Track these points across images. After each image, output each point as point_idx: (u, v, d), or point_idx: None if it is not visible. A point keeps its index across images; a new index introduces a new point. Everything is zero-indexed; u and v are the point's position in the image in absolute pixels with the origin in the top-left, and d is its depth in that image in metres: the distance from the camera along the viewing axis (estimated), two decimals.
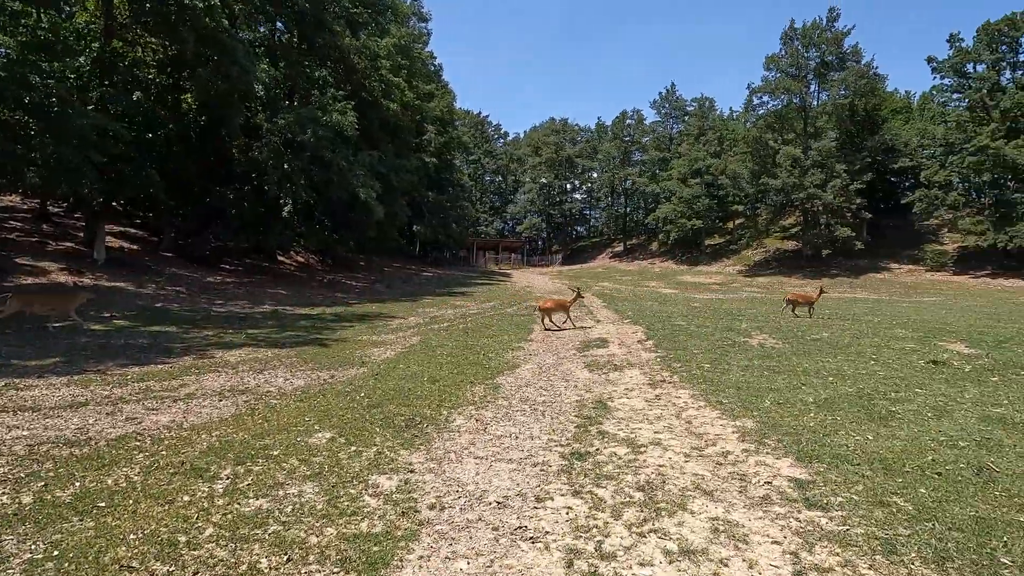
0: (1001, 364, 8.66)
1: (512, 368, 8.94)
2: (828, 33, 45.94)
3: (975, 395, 6.51)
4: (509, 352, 10.58)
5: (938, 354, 9.56)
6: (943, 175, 42.35)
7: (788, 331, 13.02)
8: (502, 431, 5.49)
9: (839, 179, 42.80)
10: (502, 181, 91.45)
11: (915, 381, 7.35)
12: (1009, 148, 37.71)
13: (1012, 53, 41.68)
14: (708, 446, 4.82)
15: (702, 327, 13.93)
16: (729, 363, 8.90)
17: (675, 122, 67.50)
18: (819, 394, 6.55)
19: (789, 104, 48.25)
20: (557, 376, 8.30)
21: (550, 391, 7.28)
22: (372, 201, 25.19)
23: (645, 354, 10.10)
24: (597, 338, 12.43)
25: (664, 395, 6.82)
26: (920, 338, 11.80)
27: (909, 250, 46.31)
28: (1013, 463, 4.20)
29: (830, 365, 8.58)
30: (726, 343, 11.17)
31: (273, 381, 7.98)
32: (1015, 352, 9.84)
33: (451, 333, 13.43)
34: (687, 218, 55.06)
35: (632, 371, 8.51)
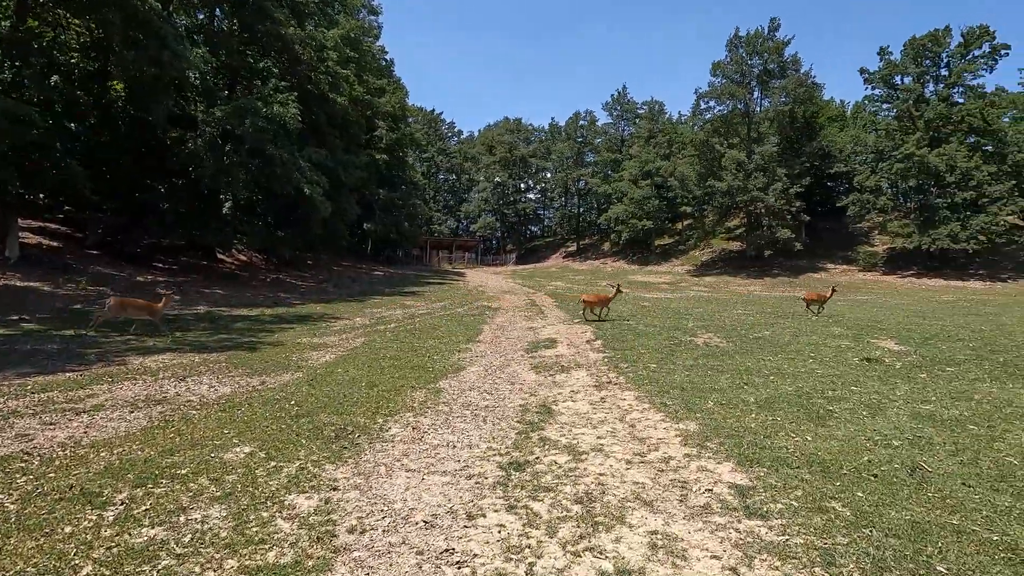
0: (928, 360, 9.02)
1: (457, 371, 8.63)
2: (770, 42, 47.80)
3: (906, 392, 6.69)
4: (456, 354, 10.27)
5: (871, 351, 9.90)
6: (874, 180, 44.81)
7: (732, 329, 13.27)
8: (439, 440, 5.18)
9: (780, 183, 44.59)
10: (456, 180, 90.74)
11: (850, 379, 7.52)
12: (932, 156, 40.27)
13: (935, 67, 44.52)
14: (650, 451, 4.68)
15: (650, 326, 14.03)
16: (675, 363, 8.90)
17: (626, 124, 68.74)
18: (760, 394, 6.57)
19: (734, 109, 49.92)
20: (503, 379, 8.05)
21: (494, 395, 7.02)
22: (318, 197, 24.27)
23: (593, 354, 10.00)
24: (546, 338, 12.28)
25: (609, 397, 6.69)
26: (854, 335, 12.24)
27: (843, 251, 48.83)
28: (944, 462, 4.24)
29: (771, 364, 8.71)
30: (673, 342, 11.24)
31: (195, 389, 7.37)
32: (940, 348, 10.31)
33: (397, 335, 12.98)
34: (638, 219, 56.14)
35: (579, 372, 8.37)
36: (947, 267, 41.59)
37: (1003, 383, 7.30)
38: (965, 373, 7.96)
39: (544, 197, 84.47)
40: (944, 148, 40.33)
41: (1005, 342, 11.16)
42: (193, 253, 28.79)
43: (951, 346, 10.62)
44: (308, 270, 36.99)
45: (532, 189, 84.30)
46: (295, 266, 37.02)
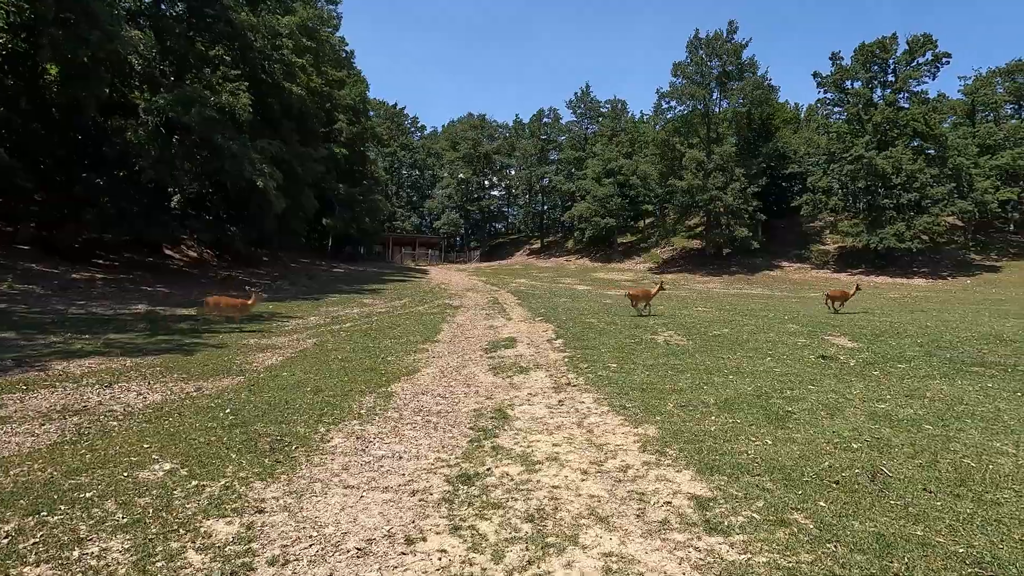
0: (880, 357, 9.15)
1: (411, 373, 8.25)
2: (728, 44, 48.74)
3: (861, 390, 6.69)
4: (412, 355, 9.86)
5: (826, 349, 10.01)
6: (826, 181, 46.34)
7: (692, 327, 13.29)
8: (385, 450, 4.81)
9: (738, 182, 45.58)
10: (419, 176, 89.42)
11: (808, 377, 7.51)
12: (879, 158, 41.90)
13: (883, 73, 46.32)
14: (608, 459, 4.44)
15: (611, 324, 13.92)
16: (635, 362, 8.75)
17: (589, 122, 69.07)
18: (720, 394, 6.45)
19: (694, 110, 50.74)
20: (459, 381, 7.72)
21: (448, 399, 6.68)
22: (271, 191, 23.28)
23: (553, 354, 9.77)
24: (507, 337, 11.99)
25: (568, 400, 6.45)
26: (809, 332, 12.42)
27: (797, 249, 50.39)
28: (903, 465, 4.15)
29: (730, 362, 8.66)
30: (633, 341, 11.13)
31: (121, 397, 6.75)
32: (890, 345, 10.52)
33: (352, 335, 12.46)
34: (601, 217, 56.50)
35: (538, 373, 8.11)
36: (893, 265, 43.41)
37: (952, 380, 7.42)
38: (916, 370, 8.08)
39: (509, 194, 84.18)
40: (891, 151, 42.02)
41: (950, 337, 11.50)
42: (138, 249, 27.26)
43: (900, 342, 10.86)
44: (264, 267, 35.65)
45: (496, 186, 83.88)
46: (250, 263, 35.59)
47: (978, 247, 46.58)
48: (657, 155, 51.24)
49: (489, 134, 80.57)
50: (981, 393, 6.56)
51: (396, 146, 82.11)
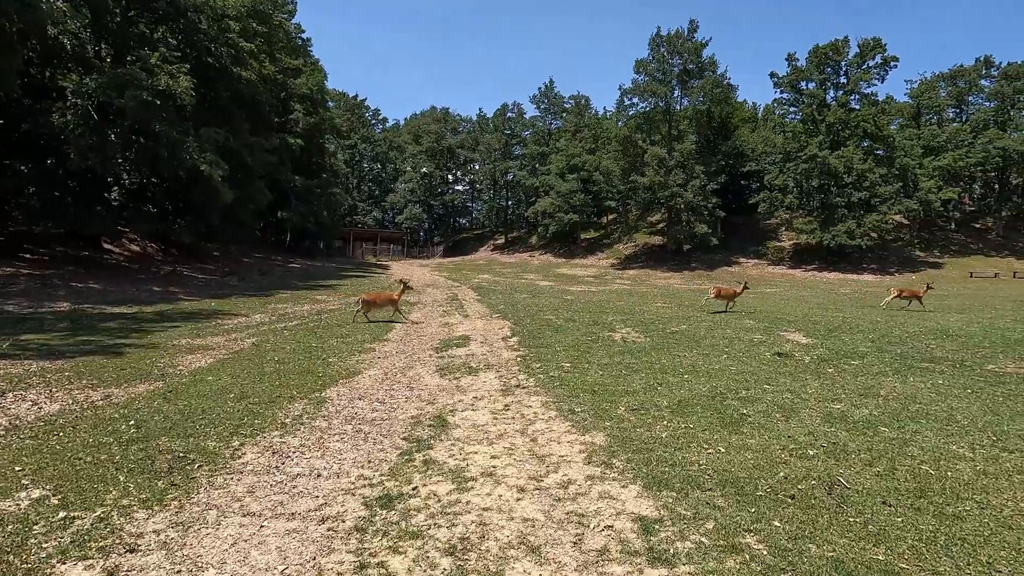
0: (834, 353, 9.09)
1: (351, 375, 7.68)
2: (689, 43, 49.28)
3: (817, 389, 6.51)
4: (357, 355, 9.27)
5: (782, 345, 9.92)
6: (782, 180, 47.47)
7: (650, 324, 13.10)
8: (302, 467, 4.28)
9: (698, 180, 46.22)
10: (381, 169, 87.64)
11: (763, 375, 7.31)
12: (832, 158, 43.14)
13: (835, 75, 47.67)
14: (549, 473, 4.03)
15: (570, 321, 13.61)
16: (590, 361, 8.41)
17: (553, 118, 68.97)
18: (674, 395, 6.15)
19: (656, 107, 51.17)
20: (402, 384, 7.20)
21: (386, 404, 6.17)
22: (218, 181, 22.06)
23: (506, 353, 9.35)
24: (460, 336, 11.51)
25: (515, 404, 6.02)
26: (765, 328, 12.39)
27: (755, 246, 51.56)
28: (861, 474, 3.89)
29: (686, 360, 8.42)
30: (590, 338, 10.82)
31: (12, 408, 5.96)
32: (843, 340, 10.53)
33: (296, 333, 11.73)
34: (564, 212, 56.48)
35: (488, 374, 7.67)
36: (844, 262, 44.85)
37: (904, 377, 7.34)
38: (869, 367, 8.01)
39: (473, 189, 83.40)
40: (843, 151, 43.32)
41: (899, 333, 11.64)
42: (73, 243, 25.55)
43: (853, 338, 10.90)
44: (214, 262, 34.05)
45: (460, 181, 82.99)
46: (199, 258, 33.96)
47: (922, 245, 48.68)
48: (620, 151, 51.49)
49: (452, 128, 79.58)
50: (933, 391, 6.47)
51: (357, 139, 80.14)
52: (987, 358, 8.70)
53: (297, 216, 45.22)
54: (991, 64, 53.44)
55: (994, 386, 6.81)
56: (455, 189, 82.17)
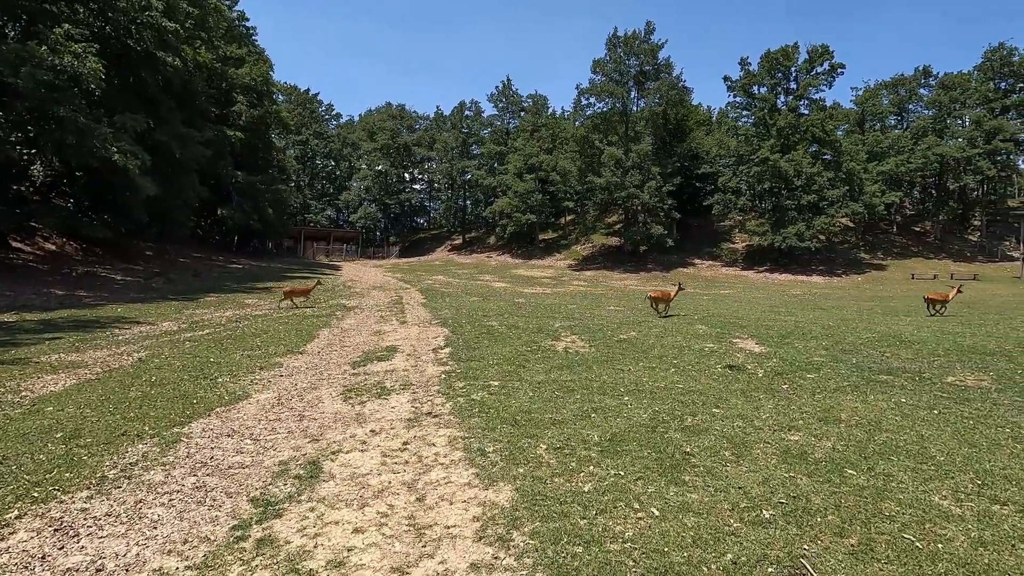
0: (788, 365, 8.40)
1: (236, 401, 6.43)
2: (646, 44, 49.29)
3: (771, 413, 5.69)
4: (257, 372, 8.00)
5: (733, 355, 9.19)
6: (735, 182, 48.02)
7: (598, 330, 12.24)
8: (83, 556, 3.08)
9: (654, 181, 46.20)
10: (335, 167, 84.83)
11: (713, 395, 6.47)
12: (783, 161, 43.81)
13: (785, 80, 48.57)
14: (422, 559, 2.97)
15: (513, 328, 12.61)
16: (522, 378, 7.42)
17: (511, 117, 68.11)
18: (608, 426, 5.20)
19: (613, 108, 51.00)
20: (293, 412, 6.01)
21: (259, 443, 4.98)
22: (135, 173, 20.05)
23: (432, 368, 8.25)
24: (388, 346, 10.34)
25: (417, 440, 4.95)
26: (717, 335, 11.72)
27: (709, 247, 52.06)
28: (830, 552, 3.00)
29: (629, 376, 7.53)
30: (530, 349, 9.84)
31: None
32: (797, 349, 9.91)
33: (200, 345, 10.29)
34: (522, 213, 55.69)
35: (401, 397, 6.56)
36: (794, 263, 45.68)
37: (864, 394, 6.65)
38: (825, 381, 7.31)
39: (431, 188, 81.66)
40: (793, 155, 44.07)
41: (852, 339, 11.15)
42: None
43: (807, 345, 10.31)
44: (144, 262, 31.54)
45: (418, 180, 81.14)
46: (127, 257, 31.37)
47: (867, 247, 50.16)
48: (577, 152, 51.09)
49: (409, 125, 77.72)
50: (898, 413, 5.75)
51: (309, 134, 77.24)
52: (945, 369, 8.18)
53: (239, 214, 42.76)
54: (929, 74, 55.73)
55: (960, 404, 6.17)
56: (412, 188, 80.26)
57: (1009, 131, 47.88)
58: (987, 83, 51.34)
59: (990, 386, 7.12)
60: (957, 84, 51.60)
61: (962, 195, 52.55)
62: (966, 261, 46.79)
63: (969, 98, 50.99)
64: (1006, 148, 48.08)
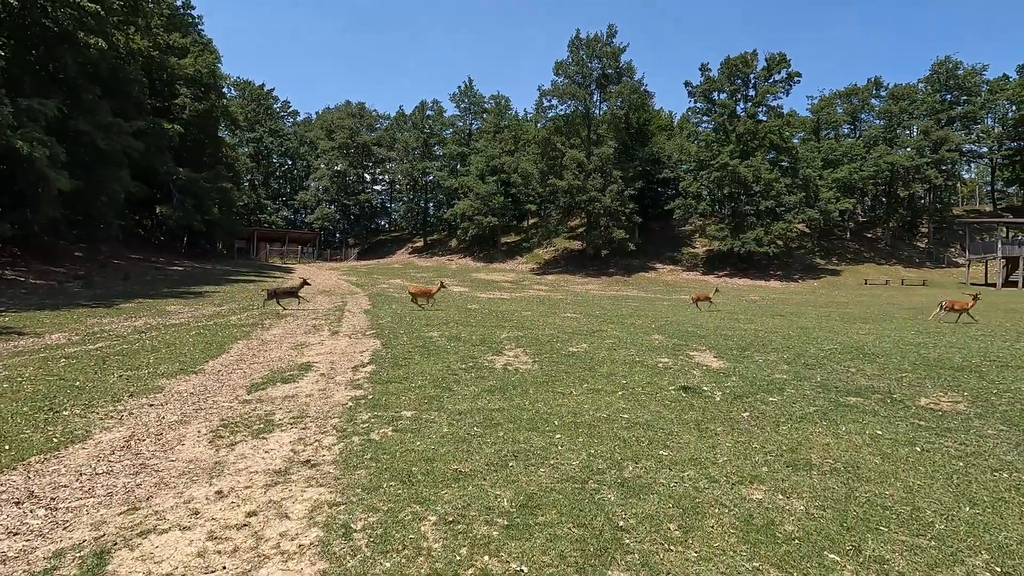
0: (749, 384, 7.51)
1: (68, 443, 5.05)
2: (608, 47, 48.96)
3: (729, 456, 4.70)
4: (123, 400, 6.59)
5: (689, 373, 8.26)
6: (696, 187, 48.10)
7: (547, 342, 11.18)
8: None
9: (616, 184, 45.80)
10: (292, 165, 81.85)
11: (662, 429, 5.45)
12: (742, 167, 44.03)
13: (744, 87, 49.00)
14: None
15: (454, 340, 11.43)
16: (443, 406, 6.25)
17: (473, 118, 67.00)
18: (526, 482, 4.09)
19: (575, 110, 50.48)
20: (135, 460, 4.69)
21: (55, 513, 3.67)
22: (45, 164, 18.01)
23: (341, 393, 6.99)
24: (303, 363, 9.01)
25: (270, 509, 3.72)
26: (674, 346, 10.83)
27: (671, 252, 52.04)
28: None
29: (569, 402, 6.46)
30: (465, 365, 8.69)
31: None
32: (756, 363, 9.08)
33: (77, 363, 8.73)
34: (483, 215, 54.60)
35: (284, 436, 5.30)
36: (753, 268, 45.98)
37: (834, 423, 5.76)
38: (790, 407, 6.41)
39: (392, 190, 79.61)
40: (752, 160, 44.37)
41: (815, 351, 10.43)
42: None
43: (767, 359, 9.50)
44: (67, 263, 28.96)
45: (379, 181, 78.99)
46: (50, 258, 28.77)
47: (822, 252, 51.01)
48: (539, 154, 50.30)
49: (369, 124, 75.62)
50: (876, 452, 4.85)
51: (263, 131, 74.22)
52: (916, 388, 7.43)
53: (180, 212, 40.20)
54: (880, 85, 57.34)
55: (941, 436, 5.34)
56: (372, 189, 78.08)
57: (954, 141, 49.56)
58: (934, 95, 53.12)
59: (968, 410, 6.36)
60: (906, 95, 53.21)
61: (911, 202, 54.17)
62: (915, 267, 48.09)
63: (917, 109, 52.65)
64: (951, 158, 49.75)
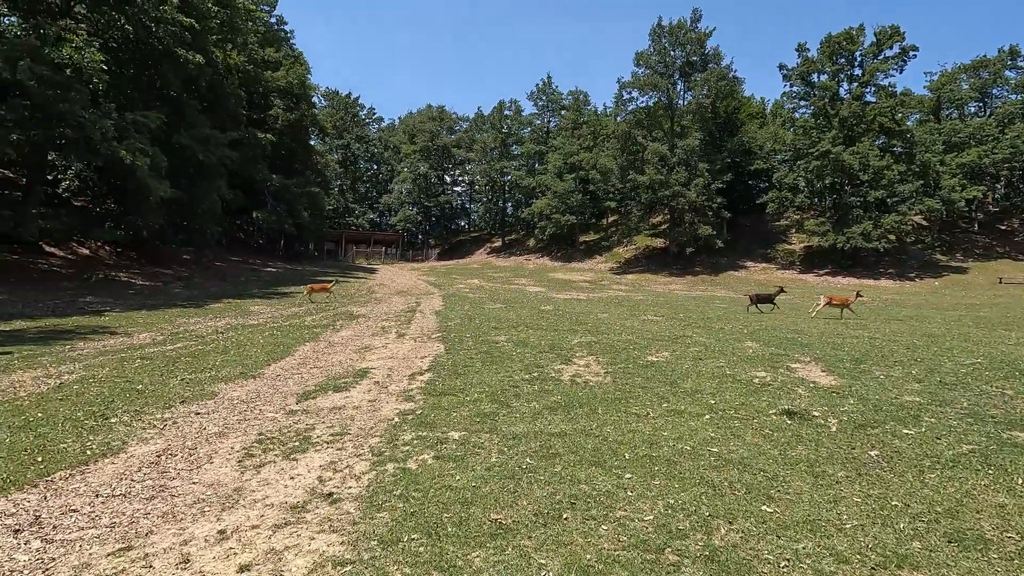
0: (872, 410, 6.11)
1: (101, 456, 4.82)
2: (692, 33, 46.27)
3: (860, 518, 3.55)
4: (174, 407, 6.44)
5: (793, 391, 6.94)
6: (792, 178, 44.26)
7: (622, 349, 10.13)
8: None
9: (702, 178, 43.13)
10: (377, 170, 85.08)
11: (763, 473, 4.34)
12: (846, 154, 39.88)
13: (849, 66, 44.42)
14: None
15: (522, 345, 10.67)
16: (496, 427, 5.48)
17: (551, 115, 66.07)
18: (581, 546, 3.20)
19: (657, 102, 48.19)
20: (155, 481, 4.33)
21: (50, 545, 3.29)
22: (146, 172, 19.33)
23: (391, 406, 6.44)
24: (362, 369, 8.63)
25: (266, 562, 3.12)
26: (772, 357, 9.41)
27: (763, 249, 48.30)
28: None
29: (644, 427, 5.47)
30: (529, 376, 7.89)
31: None
32: (879, 382, 7.54)
33: (148, 364, 8.89)
34: (561, 214, 53.57)
35: (316, 458, 4.77)
36: (859, 266, 41.58)
37: (1003, 473, 4.36)
38: (934, 444, 5.03)
39: (471, 190, 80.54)
40: (858, 147, 40.07)
41: (951, 367, 8.61)
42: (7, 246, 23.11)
43: (891, 375, 7.90)
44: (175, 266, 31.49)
45: (459, 182, 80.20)
46: (160, 261, 31.46)
47: (943, 247, 45.20)
48: (618, 149, 48.51)
49: (449, 126, 76.89)
50: None
51: (351, 138, 77.68)
52: None
53: (273, 217, 42.63)
54: (1017, 54, 49.91)
55: None
56: (452, 190, 79.33)
57: None
58: None
59: None
60: None
61: None
62: None
63: None
64: None
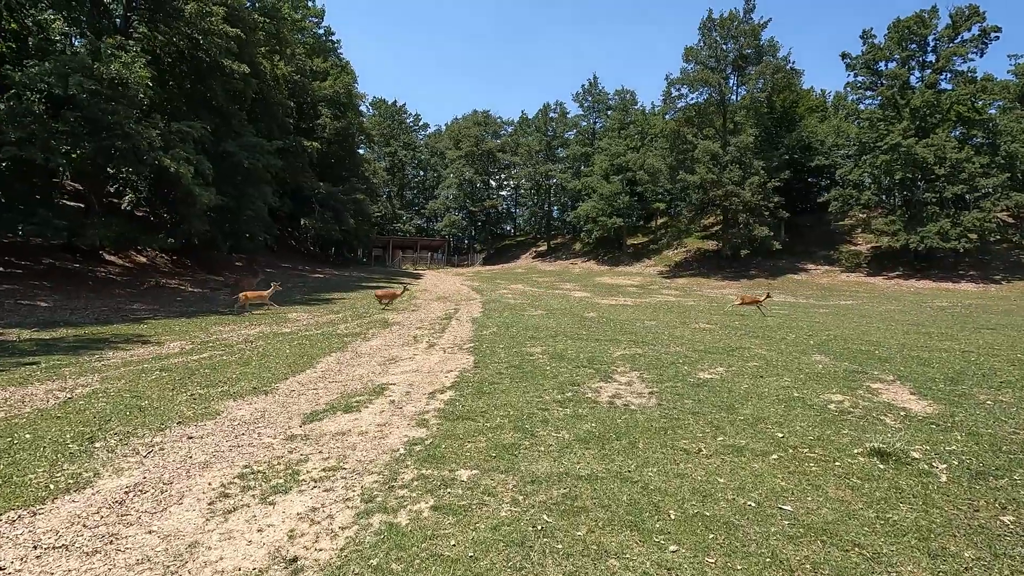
0: (987, 447, 4.88)
1: (62, 492, 4.28)
2: (745, 25, 44.03)
3: None
4: (169, 429, 5.93)
5: (879, 421, 5.73)
6: (857, 174, 41.27)
7: (669, 364, 9.06)
8: None
9: (757, 176, 40.83)
10: (423, 176, 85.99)
11: (859, 548, 3.31)
12: (919, 147, 36.76)
13: (921, 52, 41.09)
14: None
15: (562, 355, 9.78)
16: (515, 465, 4.63)
17: (597, 116, 64.71)
18: None
19: (708, 98, 46.12)
20: (100, 531, 3.75)
21: None
22: (190, 180, 19.63)
23: (401, 431, 5.69)
24: (381, 384, 7.97)
25: None
26: (847, 374, 8.13)
27: (825, 250, 45.27)
28: None
29: (694, 473, 4.47)
30: (563, 396, 6.99)
31: None
32: (984, 407, 6.21)
33: (165, 377, 8.54)
34: (608, 216, 52.11)
35: (296, 503, 4.06)
36: (935, 268, 38.18)
37: None
38: None
39: (516, 194, 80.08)
40: (932, 138, 36.85)
41: None
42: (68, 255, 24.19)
43: (1000, 402, 6.53)
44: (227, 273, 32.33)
45: (504, 186, 79.90)
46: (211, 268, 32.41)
47: None
48: (667, 148, 46.65)
49: (494, 131, 76.73)
50: None
51: (398, 145, 78.86)
52: None
53: (320, 223, 43.38)
54: None
55: None
56: (498, 195, 79.07)
57: None
58: None
59: None
60: None
61: None
62: None
63: None
64: None
